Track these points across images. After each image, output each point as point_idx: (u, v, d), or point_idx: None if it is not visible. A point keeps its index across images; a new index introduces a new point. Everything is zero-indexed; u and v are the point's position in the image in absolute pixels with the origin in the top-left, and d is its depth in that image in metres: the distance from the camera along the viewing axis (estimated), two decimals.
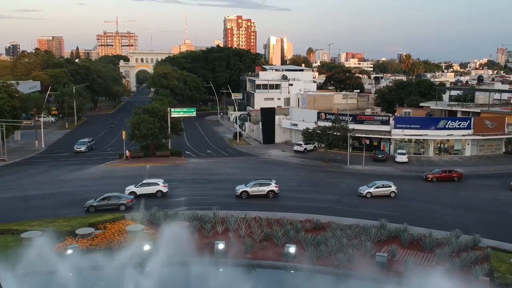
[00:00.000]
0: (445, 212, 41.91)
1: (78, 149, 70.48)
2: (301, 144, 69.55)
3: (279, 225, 34.42)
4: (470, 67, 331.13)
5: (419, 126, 67.18)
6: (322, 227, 34.57)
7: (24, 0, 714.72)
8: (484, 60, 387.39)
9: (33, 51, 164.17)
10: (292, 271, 28.44)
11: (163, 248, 28.01)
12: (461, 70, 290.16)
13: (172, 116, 68.78)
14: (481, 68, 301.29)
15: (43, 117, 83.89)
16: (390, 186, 46.64)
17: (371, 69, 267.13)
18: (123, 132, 66.71)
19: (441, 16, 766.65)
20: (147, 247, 28.87)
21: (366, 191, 46.18)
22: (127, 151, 64.55)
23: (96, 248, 29.62)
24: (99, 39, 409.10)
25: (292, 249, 28.96)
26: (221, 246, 29.37)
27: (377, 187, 46.55)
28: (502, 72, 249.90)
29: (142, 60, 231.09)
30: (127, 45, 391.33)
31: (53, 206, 42.46)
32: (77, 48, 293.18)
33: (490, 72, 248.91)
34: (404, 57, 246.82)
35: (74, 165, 62.20)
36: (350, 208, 42.16)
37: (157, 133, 64.02)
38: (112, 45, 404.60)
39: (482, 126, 67.13)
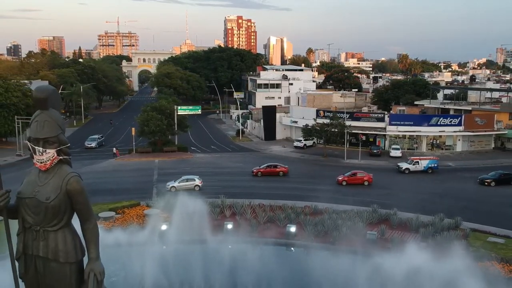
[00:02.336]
0: (433, 200, 45.56)
1: (89, 145, 74.14)
2: (301, 140, 73.35)
3: (281, 210, 38.10)
4: (468, 66, 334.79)
5: (412, 123, 70.98)
6: (320, 212, 38.17)
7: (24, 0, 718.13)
8: (483, 60, 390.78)
9: (40, 51, 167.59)
10: (293, 248, 32.15)
11: (178, 228, 31.63)
12: (459, 70, 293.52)
13: (178, 113, 72.54)
14: (479, 68, 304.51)
15: None
16: (194, 180, 48.43)
17: (370, 69, 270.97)
18: (133, 129, 70.42)
19: (442, 16, 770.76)
20: (164, 227, 32.48)
21: (171, 185, 47.30)
22: (114, 149, 67.76)
23: (119, 228, 33.28)
24: (100, 39, 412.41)
25: (292, 229, 32.66)
26: (229, 226, 33.06)
27: (181, 181, 47.85)
28: (499, 72, 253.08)
29: (144, 60, 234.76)
30: (128, 45, 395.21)
31: None
32: (80, 48, 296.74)
33: (488, 71, 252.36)
34: (401, 57, 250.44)
35: (86, 159, 65.85)
36: (346, 196, 45.74)
37: (165, 130, 67.83)
38: (113, 45, 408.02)
39: (472, 123, 70.90)
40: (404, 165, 58.04)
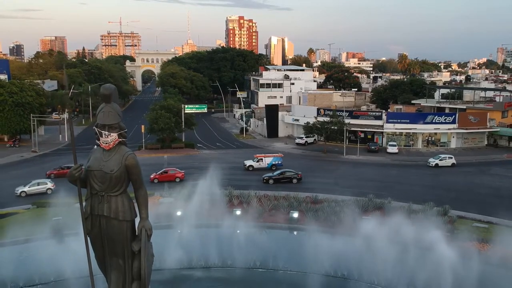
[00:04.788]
0: (426, 192, 48.93)
1: None
2: (302, 137, 76.85)
3: (284, 200, 41.56)
4: (468, 66, 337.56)
5: (409, 121, 74.35)
6: (320, 201, 41.66)
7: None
8: (483, 60, 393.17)
9: (47, 51, 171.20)
10: (295, 232, 35.63)
11: (191, 215, 35.05)
12: (459, 69, 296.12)
13: (185, 112, 76.06)
14: (478, 67, 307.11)
15: (60, 113, 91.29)
16: (46, 184, 47.90)
17: (371, 68, 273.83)
18: (142, 126, 73.87)
19: (443, 15, 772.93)
20: (179, 213, 35.90)
21: (21, 190, 46.73)
22: (95, 147, 70.55)
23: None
24: (103, 39, 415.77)
25: (295, 214, 36.19)
26: (238, 212, 36.50)
27: (32, 186, 47.27)
28: (498, 71, 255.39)
29: (147, 60, 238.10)
30: (130, 45, 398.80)
31: None
32: (83, 49, 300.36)
33: (487, 71, 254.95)
34: (401, 57, 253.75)
35: None
36: (343, 188, 49.11)
37: (173, 127, 71.30)
38: (116, 45, 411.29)
39: (466, 120, 74.22)
40: (248, 163, 59.52)
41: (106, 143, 13.30)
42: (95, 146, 13.89)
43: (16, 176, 56.13)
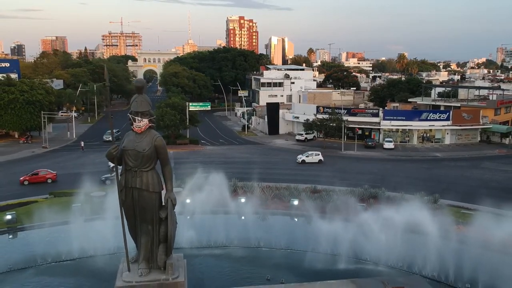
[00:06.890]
0: (419, 183, 51.69)
1: (107, 139, 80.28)
2: (302, 134, 79.80)
3: (285, 190, 44.43)
4: (467, 66, 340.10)
5: (404, 118, 77.21)
6: (318, 191, 44.55)
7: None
8: (483, 60, 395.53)
9: (52, 52, 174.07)
10: (296, 218, 38.54)
11: (198, 202, 37.91)
12: (457, 69, 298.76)
13: (189, 110, 78.95)
14: (477, 67, 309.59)
15: (66, 112, 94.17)
16: None
17: (370, 68, 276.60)
18: None
19: (444, 15, 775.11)
20: (188, 201, 38.76)
21: None
22: (82, 143, 73.28)
23: None
24: (104, 39, 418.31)
25: (295, 202, 39.05)
26: (242, 200, 39.36)
27: None
28: (497, 71, 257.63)
29: (149, 60, 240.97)
30: (131, 45, 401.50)
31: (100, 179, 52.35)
32: (85, 49, 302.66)
33: (486, 71, 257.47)
34: (399, 57, 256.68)
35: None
36: (341, 180, 52.00)
37: (178, 124, 74.18)
38: (117, 45, 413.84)
39: (459, 118, 77.07)
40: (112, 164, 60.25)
41: (139, 127, 16.08)
42: (81, 146, 16.50)
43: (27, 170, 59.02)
